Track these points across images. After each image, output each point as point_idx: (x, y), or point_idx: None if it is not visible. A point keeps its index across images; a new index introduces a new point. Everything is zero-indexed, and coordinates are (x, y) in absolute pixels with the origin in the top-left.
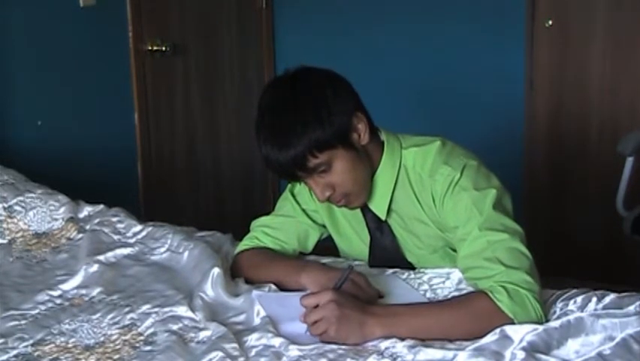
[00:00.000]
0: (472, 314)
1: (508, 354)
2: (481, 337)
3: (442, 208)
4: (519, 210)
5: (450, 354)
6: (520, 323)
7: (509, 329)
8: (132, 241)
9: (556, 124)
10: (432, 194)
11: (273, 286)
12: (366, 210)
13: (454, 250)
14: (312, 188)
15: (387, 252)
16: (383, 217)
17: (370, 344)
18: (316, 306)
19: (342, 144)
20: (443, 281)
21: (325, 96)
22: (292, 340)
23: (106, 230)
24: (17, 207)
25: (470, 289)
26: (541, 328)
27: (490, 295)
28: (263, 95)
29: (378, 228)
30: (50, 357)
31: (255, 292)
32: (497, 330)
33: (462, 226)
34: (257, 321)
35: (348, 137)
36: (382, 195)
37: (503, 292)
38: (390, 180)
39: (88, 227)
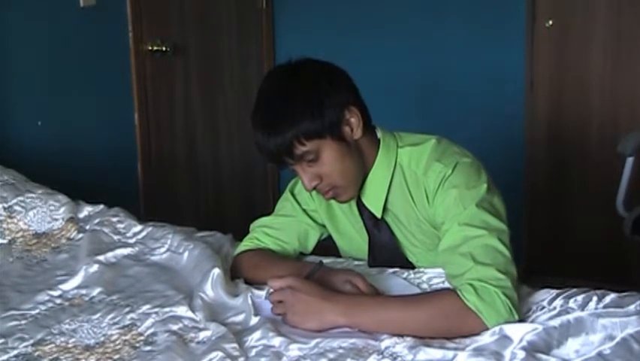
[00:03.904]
0: (438, 311)
1: (508, 354)
2: (452, 338)
3: (433, 204)
4: (519, 210)
5: (450, 354)
6: (489, 321)
7: (509, 329)
8: (132, 241)
9: (556, 124)
10: (425, 191)
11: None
12: (362, 208)
13: None
14: (300, 176)
15: (386, 250)
16: (379, 215)
17: (370, 343)
18: None
19: (331, 135)
20: (443, 281)
21: (319, 87)
22: (293, 339)
23: (106, 230)
24: (17, 207)
25: None
26: (541, 327)
27: (458, 292)
28: (263, 82)
29: (376, 225)
30: (50, 357)
31: (253, 298)
32: (497, 329)
33: (447, 222)
34: (256, 321)
35: (338, 129)
36: (377, 193)
37: (471, 290)
38: (386, 178)
39: (88, 227)
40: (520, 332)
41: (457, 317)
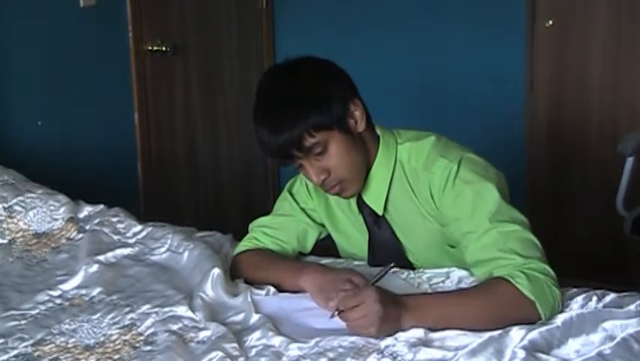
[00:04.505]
0: (495, 300)
1: (508, 353)
2: (504, 327)
3: (442, 201)
4: (519, 209)
5: (450, 354)
6: (542, 307)
7: (510, 328)
8: (132, 241)
9: (556, 124)
10: (429, 187)
11: (272, 288)
12: (363, 205)
13: (452, 247)
14: (307, 170)
15: (386, 247)
16: (380, 212)
17: (370, 342)
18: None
19: (338, 127)
20: (443, 280)
21: (322, 82)
22: (293, 338)
23: (106, 230)
24: (17, 207)
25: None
26: (542, 327)
27: (511, 279)
28: (262, 80)
29: (376, 223)
30: (50, 357)
31: (255, 298)
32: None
33: (467, 219)
34: (255, 319)
35: (344, 121)
36: (378, 190)
37: (523, 276)
38: (386, 175)
39: (88, 227)
40: (520, 331)
41: (512, 303)
